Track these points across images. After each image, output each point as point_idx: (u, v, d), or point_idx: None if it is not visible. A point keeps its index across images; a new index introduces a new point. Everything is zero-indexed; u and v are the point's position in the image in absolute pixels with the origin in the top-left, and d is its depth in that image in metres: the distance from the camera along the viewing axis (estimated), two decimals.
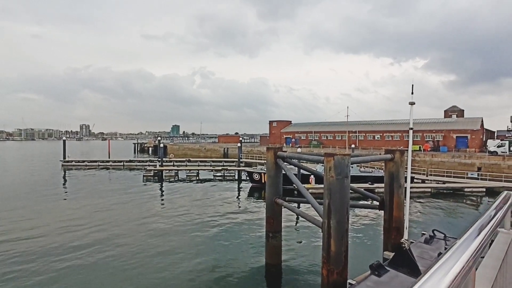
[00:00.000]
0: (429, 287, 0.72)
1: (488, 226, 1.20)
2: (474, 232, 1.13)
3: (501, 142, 44.22)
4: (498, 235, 1.59)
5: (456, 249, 0.95)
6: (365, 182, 28.67)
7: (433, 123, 57.67)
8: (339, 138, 64.98)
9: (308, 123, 79.33)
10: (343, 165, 7.97)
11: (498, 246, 1.45)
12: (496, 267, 1.25)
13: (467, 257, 0.90)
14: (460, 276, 0.81)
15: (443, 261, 0.87)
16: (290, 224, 17.98)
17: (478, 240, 1.04)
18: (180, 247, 14.59)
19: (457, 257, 0.89)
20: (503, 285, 1.26)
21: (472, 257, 0.91)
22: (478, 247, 1.00)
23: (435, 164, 40.01)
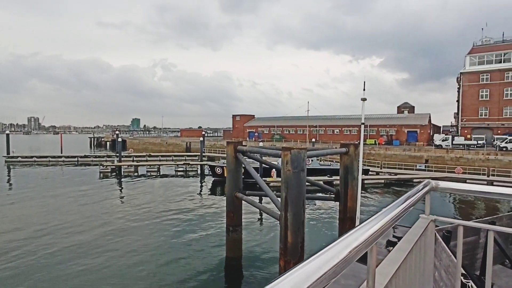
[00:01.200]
0: (326, 258, 0.74)
1: (399, 208, 1.30)
2: (385, 212, 1.21)
3: (446, 136, 48.30)
4: (418, 220, 1.73)
5: (364, 225, 1.02)
6: (324, 175, 29.73)
7: (387, 118, 61.18)
8: (301, 132, 66.61)
9: (271, 118, 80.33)
10: (300, 159, 8.21)
11: (415, 230, 1.59)
12: (406, 249, 1.36)
13: (371, 233, 0.97)
14: (357, 251, 0.86)
15: (347, 236, 0.93)
16: (251, 218, 18.19)
17: (385, 220, 1.13)
18: (140, 245, 14.16)
19: (363, 231, 0.96)
20: (407, 266, 1.38)
21: (374, 234, 0.98)
22: (384, 225, 1.08)
23: (388, 157, 42.56)
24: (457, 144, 44.64)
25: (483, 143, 43.73)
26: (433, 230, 1.74)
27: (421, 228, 1.64)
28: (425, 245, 1.70)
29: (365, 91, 9.79)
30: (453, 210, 22.96)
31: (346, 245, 0.84)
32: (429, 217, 1.73)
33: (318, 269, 0.68)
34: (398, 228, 12.16)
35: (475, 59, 51.41)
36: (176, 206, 21.56)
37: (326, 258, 0.74)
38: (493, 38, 51.74)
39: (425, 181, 1.74)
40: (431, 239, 1.74)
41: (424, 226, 1.66)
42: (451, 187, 1.81)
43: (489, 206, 22.41)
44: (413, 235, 1.56)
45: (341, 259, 0.77)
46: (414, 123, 56.15)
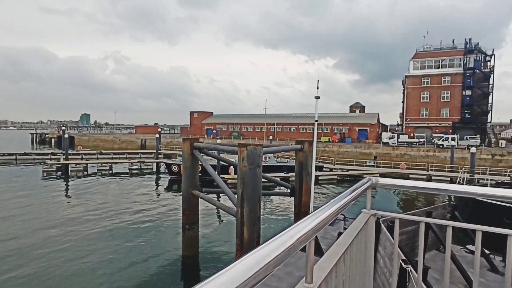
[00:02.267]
0: (268, 251, 0.78)
1: (340, 203, 1.37)
2: (327, 207, 1.28)
3: (392, 134, 52.11)
4: (360, 214, 1.85)
5: (305, 220, 1.07)
6: (281, 172, 30.45)
7: (340, 117, 64.21)
8: (259, 130, 67.33)
9: (229, 115, 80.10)
10: (255, 155, 8.32)
11: (356, 224, 1.70)
12: (346, 243, 1.45)
13: (312, 226, 1.02)
14: (298, 243, 0.90)
15: (289, 230, 0.97)
16: (208, 215, 18.06)
17: (326, 214, 1.19)
18: (91, 249, 13.32)
19: (303, 226, 1.00)
20: (348, 258, 1.48)
21: (314, 228, 1.02)
22: (323, 220, 1.13)
23: (341, 154, 44.75)
24: (402, 141, 48.34)
25: (424, 141, 47.85)
26: (373, 223, 1.87)
27: (362, 222, 1.73)
28: (366, 238, 1.80)
29: (319, 89, 10.16)
30: (399, 202, 24.87)
31: (281, 243, 0.86)
32: (370, 211, 1.84)
33: (257, 264, 0.71)
34: (349, 221, 12.88)
35: (418, 64, 55.93)
36: (130, 205, 20.66)
37: (263, 254, 0.77)
38: (433, 46, 56.68)
39: (367, 177, 1.87)
40: (371, 232, 1.87)
41: (364, 220, 1.75)
42: (390, 183, 1.97)
43: (428, 198, 24.62)
44: (354, 229, 1.65)
45: (279, 254, 0.80)
46: (364, 122, 59.61)
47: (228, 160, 14.93)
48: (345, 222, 12.38)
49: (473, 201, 14.89)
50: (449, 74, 52.78)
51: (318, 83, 9.94)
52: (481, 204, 14.49)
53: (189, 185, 11.91)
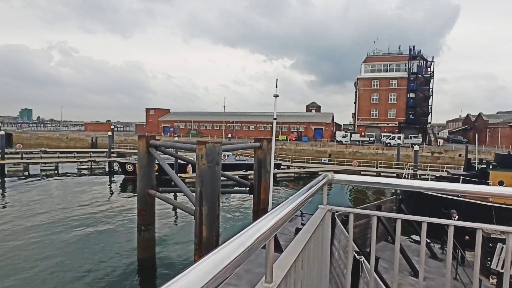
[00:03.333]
0: (227, 253, 0.76)
1: (298, 200, 1.38)
2: (285, 204, 1.28)
3: (345, 133, 54.88)
4: (317, 210, 1.90)
5: (264, 218, 1.06)
6: (240, 170, 30.50)
7: (297, 116, 66.00)
8: (218, 128, 66.77)
9: (187, 112, 78.36)
10: (215, 153, 8.23)
11: (314, 220, 1.73)
12: (305, 239, 1.47)
13: (271, 225, 1.01)
14: (257, 242, 0.89)
15: (248, 229, 0.96)
16: (166, 215, 17.52)
17: (285, 212, 1.19)
18: (38, 258, 12.17)
19: (263, 225, 0.99)
20: (306, 254, 1.50)
21: (273, 226, 1.02)
22: (283, 217, 1.13)
23: (298, 152, 46.04)
24: (354, 140, 51.09)
25: (374, 140, 51.02)
26: (329, 218, 1.93)
27: (319, 218, 1.77)
28: (322, 233, 1.84)
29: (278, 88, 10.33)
30: (351, 197, 26.21)
31: (240, 243, 0.85)
32: (326, 207, 1.89)
33: (216, 266, 0.69)
34: (306, 216, 13.30)
35: (368, 67, 59.41)
36: (79, 208, 19.31)
37: (222, 255, 0.75)
38: (382, 51, 60.57)
39: (323, 174, 1.93)
40: (328, 227, 1.91)
41: (321, 216, 1.80)
42: (344, 179, 2.06)
43: (378, 192, 26.30)
44: (312, 224, 1.68)
45: (239, 254, 0.79)
46: (320, 121, 61.93)
47: (186, 158, 14.60)
48: (302, 217, 12.77)
49: (416, 194, 16.22)
50: (396, 77, 56.83)
51: (277, 82, 10.11)
52: (423, 197, 15.86)
53: (144, 185, 11.44)
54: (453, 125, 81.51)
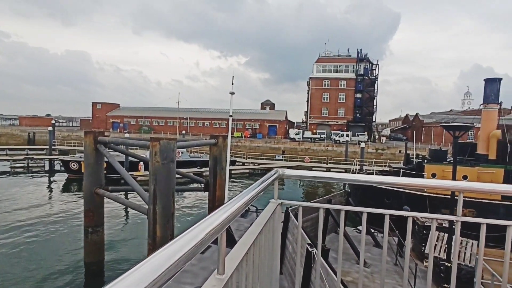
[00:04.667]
0: (178, 247, 0.77)
1: (250, 194, 1.42)
2: (237, 199, 1.32)
3: (298, 131, 56.75)
4: (268, 204, 1.96)
5: (216, 213, 1.09)
6: (195, 167, 30.04)
7: (252, 113, 66.61)
8: (171, 124, 64.83)
9: (139, 108, 74.88)
10: (169, 150, 8.03)
11: (265, 214, 1.79)
12: (256, 232, 1.52)
13: (223, 218, 1.04)
14: (209, 236, 0.91)
15: (200, 223, 0.98)
16: (116, 215, 16.64)
17: (236, 206, 1.23)
18: None
19: (214, 219, 1.02)
20: (257, 247, 1.54)
21: (224, 220, 1.05)
22: (234, 211, 1.16)
23: (253, 149, 46.56)
24: (306, 137, 53.07)
25: (324, 137, 53.47)
26: (280, 212, 2.00)
27: (270, 212, 1.84)
28: (273, 226, 1.92)
29: (233, 85, 10.37)
30: (305, 192, 27.23)
31: (192, 237, 0.85)
32: (277, 201, 1.97)
33: (167, 260, 0.71)
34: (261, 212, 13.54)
35: (320, 67, 61.96)
36: (15, 211, 17.48)
37: (174, 250, 0.76)
38: (333, 52, 63.54)
39: (274, 169, 2.01)
40: (278, 220, 1.99)
41: (272, 210, 1.87)
42: (295, 174, 2.17)
43: (329, 187, 27.66)
44: (263, 218, 1.74)
45: (190, 248, 0.80)
46: (274, 119, 63.22)
47: (138, 155, 13.99)
48: (257, 214, 13.01)
49: (362, 188, 17.42)
50: (345, 78, 60.08)
51: (233, 79, 10.15)
52: (368, 190, 17.08)
53: (92, 184, 10.75)
54: (394, 124, 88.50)
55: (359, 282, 2.23)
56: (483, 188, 2.65)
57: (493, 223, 1.95)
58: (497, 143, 16.66)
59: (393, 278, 9.02)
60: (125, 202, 10.63)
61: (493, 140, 16.95)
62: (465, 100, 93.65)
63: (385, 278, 9.44)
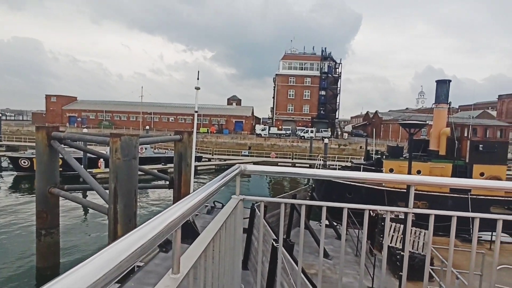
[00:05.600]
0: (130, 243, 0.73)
1: (209, 190, 1.38)
2: (195, 194, 1.27)
3: (264, 126, 57.25)
4: (230, 200, 1.93)
5: (173, 207, 1.04)
6: (159, 163, 29.22)
7: (218, 109, 65.99)
8: (134, 119, 62.33)
9: (99, 101, 71.04)
10: (131, 146, 7.70)
11: (226, 210, 1.76)
12: (215, 229, 1.47)
13: (178, 215, 0.99)
14: (165, 229, 0.88)
15: (155, 218, 0.93)
16: (74, 216, 15.70)
17: (193, 202, 1.18)
18: None
19: (170, 215, 0.96)
20: (217, 243, 1.51)
21: (180, 216, 1.00)
22: (192, 206, 1.12)
23: (219, 145, 46.20)
24: (272, 133, 53.70)
25: (290, 133, 54.45)
26: (242, 207, 1.98)
27: (231, 207, 1.81)
28: (235, 221, 1.90)
29: (199, 80, 10.17)
30: (271, 188, 27.55)
31: (143, 233, 0.81)
32: (239, 196, 1.94)
33: (118, 256, 0.67)
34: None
35: (286, 64, 62.79)
36: None
37: (124, 245, 0.72)
38: (298, 50, 64.66)
39: (236, 165, 1.99)
40: (240, 216, 1.97)
41: (233, 205, 1.84)
42: (257, 169, 2.16)
43: (296, 182, 28.26)
44: (223, 214, 1.70)
45: (143, 243, 0.76)
46: (240, 114, 63.16)
47: (97, 152, 13.27)
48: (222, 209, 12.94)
49: (326, 183, 17.99)
50: (310, 76, 61.46)
51: (198, 74, 9.94)
52: (331, 184, 17.68)
53: (45, 183, 10.03)
54: (356, 121, 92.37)
55: (319, 273, 2.28)
56: (430, 181, 2.84)
57: (440, 214, 2.10)
58: (447, 140, 18.01)
59: (353, 269, 9.43)
60: (83, 201, 10.05)
61: (443, 137, 18.30)
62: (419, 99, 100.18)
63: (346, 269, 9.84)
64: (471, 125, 17.17)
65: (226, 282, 1.73)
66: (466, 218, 2.12)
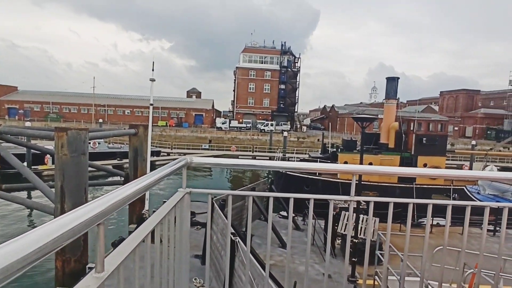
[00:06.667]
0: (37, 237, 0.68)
1: (146, 182, 1.31)
2: (135, 183, 1.21)
3: (225, 120, 56.90)
4: (175, 193, 1.87)
5: (98, 200, 0.97)
6: (114, 158, 27.87)
7: (177, 101, 64.23)
8: (85, 112, 58.48)
9: (44, 92, 65.37)
10: (79, 141, 7.21)
11: (169, 203, 1.70)
12: (153, 223, 1.39)
13: (103, 208, 0.92)
14: (85, 224, 0.83)
15: (78, 209, 0.87)
16: (15, 219, 14.39)
17: (132, 189, 1.13)
18: None
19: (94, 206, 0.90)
20: (156, 237, 1.45)
21: (105, 210, 0.93)
22: (128, 195, 1.07)
23: (178, 138, 45.09)
24: (233, 126, 53.57)
25: (250, 126, 54.74)
26: (189, 201, 1.93)
27: (175, 201, 1.74)
28: (181, 215, 1.84)
29: (156, 72, 9.80)
30: (231, 181, 27.54)
31: (61, 225, 0.75)
32: (185, 190, 1.88)
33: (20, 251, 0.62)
34: None
35: (246, 57, 62.70)
36: None
37: (36, 237, 0.67)
38: (259, 43, 64.80)
39: (182, 157, 1.93)
40: (187, 209, 1.91)
41: (177, 199, 1.78)
42: (204, 161, 2.12)
43: (256, 175, 28.51)
44: (165, 207, 1.61)
45: (60, 234, 0.72)
46: (200, 107, 62.07)
47: (41, 148, 12.25)
48: None
49: (284, 176, 18.41)
50: (270, 69, 62.05)
51: (154, 65, 9.56)
52: (289, 177, 18.14)
53: None
54: (314, 114, 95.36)
55: (266, 260, 2.32)
56: (369, 170, 3.02)
57: (378, 201, 2.26)
58: (395, 134, 19.31)
59: (310, 258, 9.84)
60: (26, 202, 9.24)
61: (392, 131, 19.58)
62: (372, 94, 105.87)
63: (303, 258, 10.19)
64: (416, 120, 18.56)
65: (171, 278, 1.68)
66: (407, 204, 2.29)
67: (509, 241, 8.21)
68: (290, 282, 6.53)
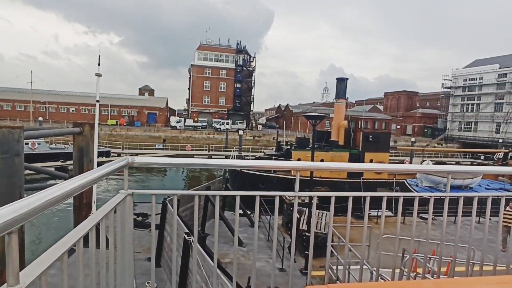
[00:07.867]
0: None
1: (77, 183, 1.21)
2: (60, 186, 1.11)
3: (179, 118, 55.45)
4: (116, 195, 1.77)
5: (15, 203, 0.89)
6: (57, 160, 25.78)
7: (129, 99, 61.18)
8: (22, 109, 53.17)
9: None
10: (12, 141, 6.52)
11: (107, 206, 1.59)
12: (85, 228, 1.28)
13: (20, 213, 0.85)
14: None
15: None
16: None
17: (56, 193, 1.04)
18: None
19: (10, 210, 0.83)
20: (92, 243, 1.36)
21: (22, 214, 0.85)
22: (41, 204, 0.96)
23: (130, 138, 42.98)
24: (188, 125, 52.44)
25: (206, 125, 54.04)
26: (131, 203, 1.86)
27: (114, 203, 1.65)
28: (122, 218, 1.75)
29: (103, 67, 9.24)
30: (186, 181, 26.93)
31: None
32: (127, 191, 1.80)
33: None
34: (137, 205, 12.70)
35: (201, 55, 61.70)
36: None
37: None
38: (214, 41, 64.13)
39: (122, 157, 1.84)
40: (129, 212, 1.83)
41: (117, 201, 1.68)
42: (147, 161, 2.04)
43: (212, 175, 28.21)
44: (102, 211, 1.51)
45: None
46: (154, 106, 59.79)
47: None
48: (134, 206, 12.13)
49: (240, 174, 18.50)
50: (225, 68, 61.77)
51: (100, 59, 9.00)
52: (245, 175, 18.27)
53: None
54: (269, 113, 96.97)
55: (214, 251, 2.32)
56: (310, 166, 3.17)
57: (320, 195, 2.38)
58: (345, 131, 20.40)
59: (266, 253, 10.01)
60: None
61: (342, 129, 20.66)
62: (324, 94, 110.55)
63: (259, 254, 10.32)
64: (363, 118, 19.79)
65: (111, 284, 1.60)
66: (359, 198, 2.45)
67: (448, 228, 9.11)
68: (245, 278, 6.58)
